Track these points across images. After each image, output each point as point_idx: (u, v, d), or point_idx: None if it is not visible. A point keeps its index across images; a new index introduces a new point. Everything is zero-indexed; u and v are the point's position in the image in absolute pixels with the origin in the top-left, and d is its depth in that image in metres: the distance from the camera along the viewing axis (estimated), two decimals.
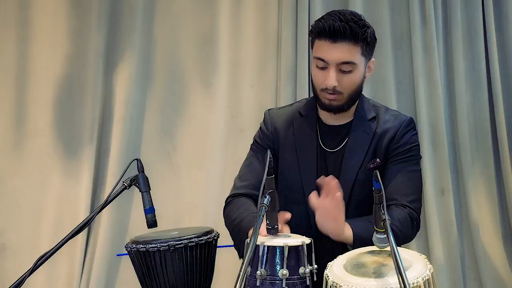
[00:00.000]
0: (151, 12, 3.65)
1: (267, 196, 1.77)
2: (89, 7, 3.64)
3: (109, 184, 3.53)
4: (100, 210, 2.11)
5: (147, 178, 2.12)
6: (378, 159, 2.13)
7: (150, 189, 2.11)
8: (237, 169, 2.33)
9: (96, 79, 3.60)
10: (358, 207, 2.11)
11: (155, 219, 2.11)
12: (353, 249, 1.89)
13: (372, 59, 2.16)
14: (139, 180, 2.10)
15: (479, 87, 3.46)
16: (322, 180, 1.95)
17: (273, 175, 1.83)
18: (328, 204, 1.92)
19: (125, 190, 2.11)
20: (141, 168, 2.12)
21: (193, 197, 3.57)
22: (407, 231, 2.08)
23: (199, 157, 3.60)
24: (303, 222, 2.12)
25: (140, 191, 2.12)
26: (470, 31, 3.47)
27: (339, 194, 1.91)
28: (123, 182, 2.11)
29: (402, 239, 2.05)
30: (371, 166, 2.12)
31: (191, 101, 3.64)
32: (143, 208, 2.11)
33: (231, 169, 2.83)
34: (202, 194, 3.54)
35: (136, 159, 2.13)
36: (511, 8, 3.42)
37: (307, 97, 3.41)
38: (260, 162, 2.24)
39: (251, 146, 2.32)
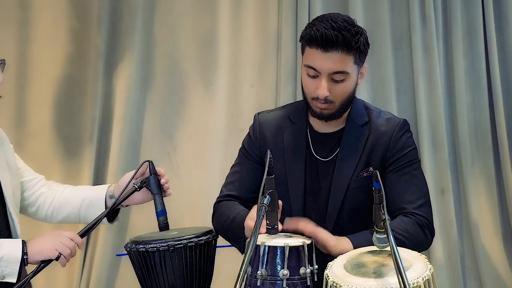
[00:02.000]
0: (151, 12, 3.65)
1: (267, 196, 1.77)
2: (89, 7, 3.64)
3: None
4: (108, 213, 2.11)
5: (158, 180, 2.11)
6: (371, 168, 2.08)
7: (161, 191, 2.10)
8: None
9: (96, 79, 3.60)
10: (352, 215, 2.07)
11: (167, 222, 2.09)
12: None
13: (365, 65, 2.09)
14: (150, 182, 2.09)
15: (479, 87, 3.45)
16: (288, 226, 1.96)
17: (273, 175, 1.82)
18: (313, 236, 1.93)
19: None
20: (152, 170, 2.10)
21: (193, 197, 3.57)
22: (418, 239, 2.02)
23: (199, 157, 3.60)
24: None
25: (151, 193, 2.10)
26: (470, 31, 3.47)
27: (308, 228, 1.93)
28: (133, 184, 2.10)
29: (413, 248, 2.00)
30: (364, 175, 2.07)
31: (191, 101, 3.64)
32: (154, 211, 2.09)
33: None
34: (202, 194, 3.54)
35: (148, 160, 2.11)
36: (511, 8, 3.42)
37: None
38: (245, 171, 2.21)
39: (239, 150, 2.28)
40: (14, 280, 1.94)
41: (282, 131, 2.18)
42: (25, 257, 1.96)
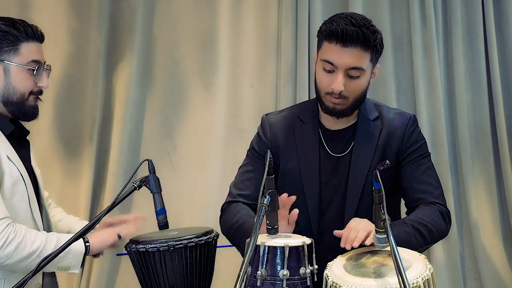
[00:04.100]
0: (151, 12, 3.65)
1: (267, 196, 1.77)
2: (89, 7, 3.64)
3: (109, 184, 3.53)
4: (108, 212, 2.10)
5: (158, 179, 2.10)
6: (388, 161, 2.12)
7: (161, 190, 2.11)
8: (237, 169, 2.32)
9: (96, 79, 3.60)
10: (370, 209, 2.09)
11: (167, 221, 2.09)
12: None
13: (377, 64, 2.15)
14: (150, 181, 2.09)
15: (479, 87, 3.45)
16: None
17: (273, 175, 1.82)
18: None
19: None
20: (152, 169, 2.10)
21: (193, 197, 3.57)
22: (441, 227, 2.08)
23: (199, 157, 3.60)
24: (305, 228, 2.09)
25: (151, 192, 2.10)
26: (470, 31, 3.47)
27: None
28: (133, 183, 2.10)
29: (438, 236, 2.07)
30: (381, 168, 2.11)
31: (191, 101, 3.64)
32: (154, 209, 2.09)
33: (231, 169, 2.82)
34: (202, 194, 3.54)
35: (147, 159, 2.11)
36: (511, 8, 3.42)
37: (307, 97, 3.41)
38: (256, 171, 2.21)
39: (248, 151, 2.29)
40: (77, 271, 2.16)
41: (294, 130, 2.20)
42: (87, 244, 2.14)
